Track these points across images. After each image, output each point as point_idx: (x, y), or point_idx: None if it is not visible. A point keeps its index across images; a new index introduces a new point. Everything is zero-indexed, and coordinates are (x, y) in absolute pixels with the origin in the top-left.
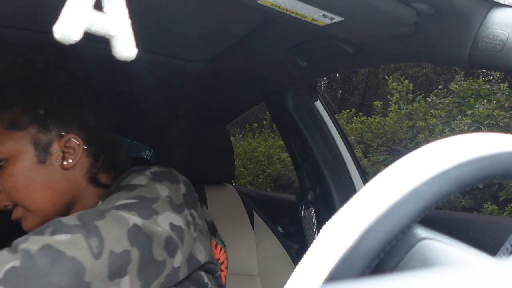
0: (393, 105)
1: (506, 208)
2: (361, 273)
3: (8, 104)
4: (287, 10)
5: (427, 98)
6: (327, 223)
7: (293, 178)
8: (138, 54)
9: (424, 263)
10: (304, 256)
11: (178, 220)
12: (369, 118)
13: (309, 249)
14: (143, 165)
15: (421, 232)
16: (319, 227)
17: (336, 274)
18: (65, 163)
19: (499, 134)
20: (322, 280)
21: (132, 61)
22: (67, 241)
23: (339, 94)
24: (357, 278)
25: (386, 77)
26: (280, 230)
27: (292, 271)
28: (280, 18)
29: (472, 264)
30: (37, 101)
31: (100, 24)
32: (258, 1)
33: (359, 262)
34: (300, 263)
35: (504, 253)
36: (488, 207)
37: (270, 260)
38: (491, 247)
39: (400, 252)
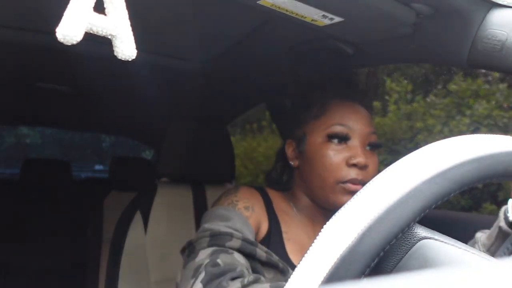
0: (392, 105)
1: None
2: (362, 272)
3: None
4: (287, 10)
5: (426, 98)
6: (327, 223)
7: None
8: (138, 55)
9: (424, 262)
10: (304, 256)
11: None
12: None
13: (309, 249)
14: (144, 165)
15: (421, 231)
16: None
17: (336, 274)
18: None
19: (498, 134)
20: (322, 280)
21: (132, 61)
22: None
23: None
24: (357, 278)
25: (385, 77)
26: None
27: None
28: (280, 19)
29: (472, 264)
30: None
31: (101, 25)
32: (258, 2)
33: (359, 261)
34: (300, 263)
35: (504, 253)
36: (487, 207)
37: None
38: None
39: (400, 251)
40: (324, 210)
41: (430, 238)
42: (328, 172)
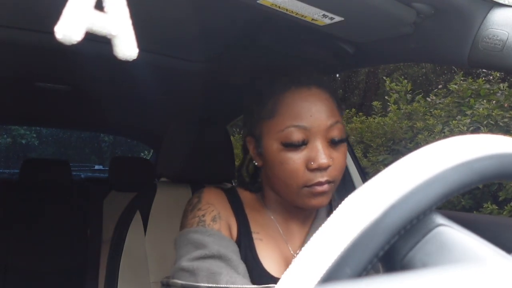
0: (392, 105)
1: (505, 207)
2: (379, 251)
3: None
4: (287, 10)
5: (427, 98)
6: (331, 215)
7: None
8: (138, 54)
9: (440, 248)
10: (300, 253)
11: None
12: (369, 118)
13: (307, 246)
14: (144, 165)
15: (439, 218)
16: None
17: (355, 248)
18: None
19: (498, 134)
20: (319, 280)
21: (132, 61)
22: None
23: (339, 94)
24: (357, 278)
25: (385, 77)
26: None
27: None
28: (280, 18)
29: (486, 258)
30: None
31: (101, 24)
32: (258, 1)
33: (377, 240)
34: (296, 260)
35: None
36: (487, 207)
37: None
38: None
39: (418, 234)
40: (296, 208)
41: (448, 226)
42: (290, 178)
